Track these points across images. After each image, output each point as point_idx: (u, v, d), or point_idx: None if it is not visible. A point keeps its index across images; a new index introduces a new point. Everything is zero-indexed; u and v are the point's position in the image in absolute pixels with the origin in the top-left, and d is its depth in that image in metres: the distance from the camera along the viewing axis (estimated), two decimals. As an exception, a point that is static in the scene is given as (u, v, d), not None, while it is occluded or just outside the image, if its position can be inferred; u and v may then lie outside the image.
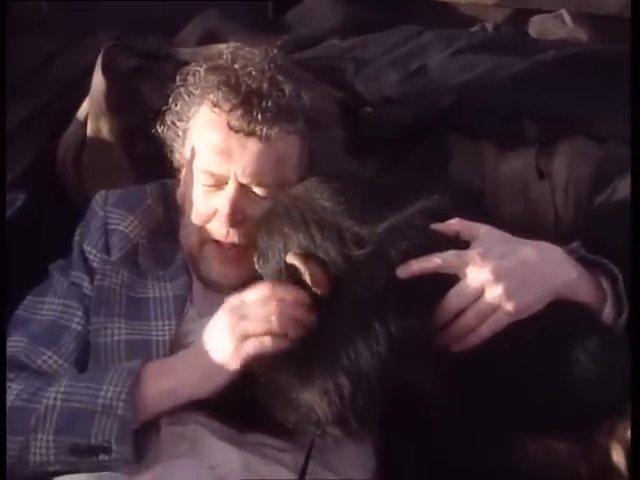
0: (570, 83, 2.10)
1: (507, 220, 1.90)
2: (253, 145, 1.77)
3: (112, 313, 1.77)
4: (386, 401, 1.50)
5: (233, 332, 1.60)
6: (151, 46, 2.19)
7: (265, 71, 1.79)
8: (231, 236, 1.78)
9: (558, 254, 1.62)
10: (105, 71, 2.06)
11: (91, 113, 2.08)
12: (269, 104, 1.76)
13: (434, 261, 1.54)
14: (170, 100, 1.86)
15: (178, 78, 1.85)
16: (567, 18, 2.41)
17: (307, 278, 1.59)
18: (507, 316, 1.54)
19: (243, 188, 1.77)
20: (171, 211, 1.93)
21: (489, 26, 2.40)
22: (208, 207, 1.80)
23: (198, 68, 1.84)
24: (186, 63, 1.91)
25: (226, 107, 1.77)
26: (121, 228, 1.86)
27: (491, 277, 1.54)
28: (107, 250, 1.84)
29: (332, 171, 1.75)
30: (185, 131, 1.85)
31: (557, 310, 1.56)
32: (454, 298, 1.55)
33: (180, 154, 1.88)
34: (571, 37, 2.38)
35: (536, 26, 2.42)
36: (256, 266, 1.69)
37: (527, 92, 2.09)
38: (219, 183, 1.79)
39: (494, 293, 1.54)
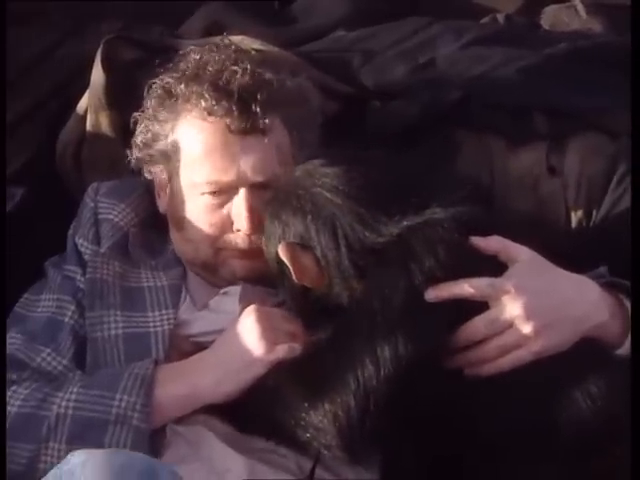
0: (582, 77, 2.07)
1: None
2: (254, 142, 1.75)
3: (107, 305, 1.76)
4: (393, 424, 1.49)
5: (264, 337, 1.60)
6: (153, 38, 2.16)
7: (247, 67, 1.77)
8: (254, 242, 1.75)
9: (595, 294, 1.58)
10: (105, 64, 2.03)
11: (90, 107, 2.05)
12: (264, 96, 1.74)
13: (466, 289, 1.51)
14: (135, 124, 1.85)
15: (145, 102, 1.83)
16: (581, 9, 2.37)
17: (292, 272, 1.57)
18: (531, 355, 1.52)
19: (254, 190, 1.75)
20: None
21: (500, 17, 2.36)
22: (219, 220, 1.77)
23: (165, 85, 1.81)
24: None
25: (221, 112, 1.74)
26: (111, 217, 1.85)
27: (522, 313, 1.51)
28: (98, 241, 1.83)
29: (334, 153, 1.69)
30: (165, 150, 1.81)
31: (573, 347, 1.54)
32: (480, 327, 1.52)
33: (163, 173, 1.84)
34: (585, 28, 2.34)
35: (549, 17, 2.38)
36: (264, 251, 1.68)
37: (538, 86, 2.06)
38: (226, 191, 1.76)
39: (522, 330, 1.51)
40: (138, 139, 1.84)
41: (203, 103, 1.75)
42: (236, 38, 1.96)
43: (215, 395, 1.62)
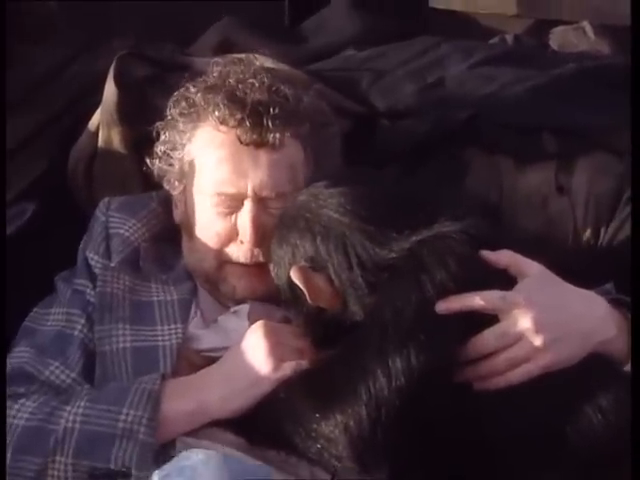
0: (590, 97, 2.08)
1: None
2: (265, 156, 1.75)
3: (116, 319, 1.77)
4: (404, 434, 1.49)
5: (271, 354, 1.60)
6: (165, 55, 2.17)
7: (264, 81, 1.79)
8: (256, 256, 1.76)
9: (603, 309, 1.58)
10: (117, 80, 2.04)
11: (102, 123, 2.06)
12: (276, 111, 1.75)
13: (477, 301, 1.51)
14: (157, 132, 1.86)
15: (168, 112, 1.84)
16: (589, 30, 2.38)
17: (307, 295, 1.57)
18: (539, 369, 1.51)
19: (261, 204, 1.75)
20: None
21: (509, 38, 2.37)
22: (225, 229, 1.78)
23: (187, 94, 1.83)
24: (201, 73, 1.89)
25: (233, 122, 1.75)
26: (122, 231, 1.86)
27: (532, 327, 1.51)
28: (108, 255, 1.84)
29: (338, 174, 1.71)
30: (181, 159, 1.83)
31: (582, 362, 1.54)
32: (491, 339, 1.52)
33: (179, 181, 1.85)
34: (593, 49, 2.35)
35: (557, 38, 2.40)
36: (273, 276, 1.67)
37: (546, 106, 2.06)
38: (234, 202, 1.76)
39: (532, 344, 1.51)
40: (159, 148, 1.85)
41: (217, 112, 1.76)
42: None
43: (222, 411, 1.62)
